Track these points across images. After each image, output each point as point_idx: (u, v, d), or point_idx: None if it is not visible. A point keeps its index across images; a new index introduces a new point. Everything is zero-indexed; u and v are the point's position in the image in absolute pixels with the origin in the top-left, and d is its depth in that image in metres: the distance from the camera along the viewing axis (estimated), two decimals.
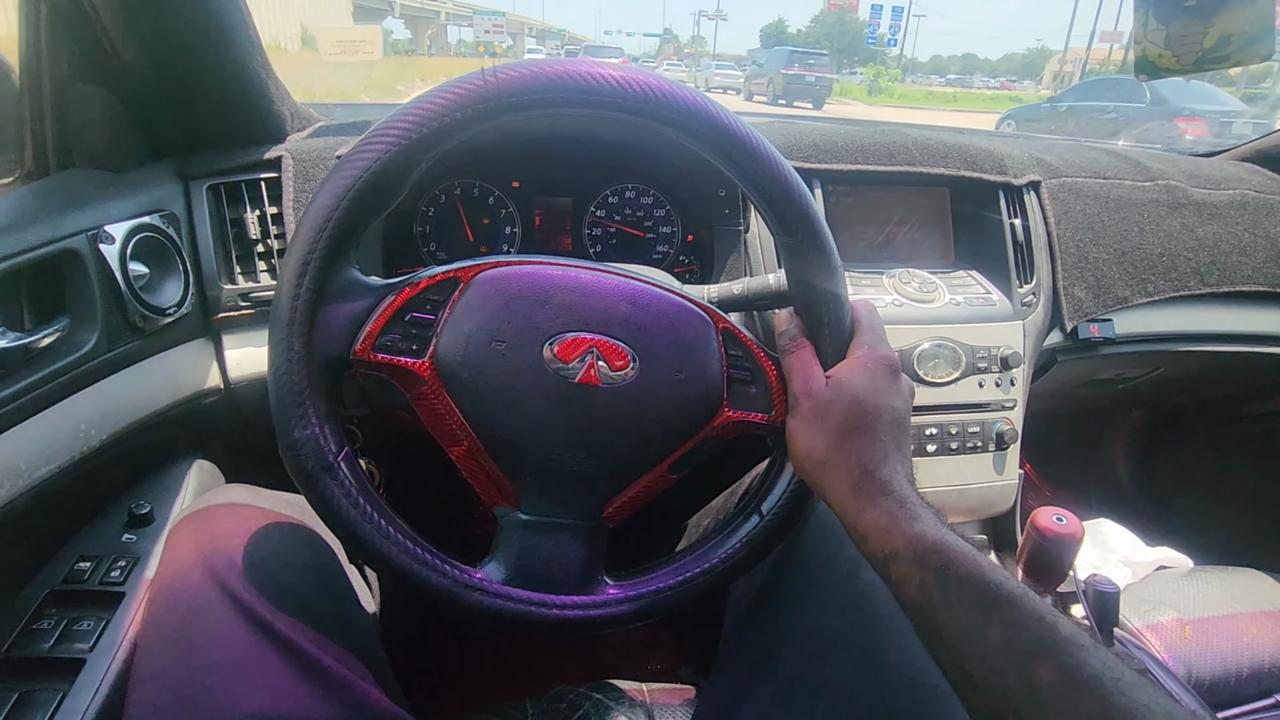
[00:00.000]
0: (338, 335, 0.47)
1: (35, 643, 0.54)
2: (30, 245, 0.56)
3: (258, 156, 0.79)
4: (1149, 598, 0.96)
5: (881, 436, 0.48)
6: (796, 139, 0.94)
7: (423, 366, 0.48)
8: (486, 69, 0.45)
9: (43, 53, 0.64)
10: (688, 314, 0.53)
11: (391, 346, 0.48)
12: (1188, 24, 0.77)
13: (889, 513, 0.44)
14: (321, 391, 0.46)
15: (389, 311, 0.48)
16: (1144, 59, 0.83)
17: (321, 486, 0.46)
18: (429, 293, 0.49)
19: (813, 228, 0.51)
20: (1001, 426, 0.93)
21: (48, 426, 0.57)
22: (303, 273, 0.45)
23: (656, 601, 0.54)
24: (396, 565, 0.48)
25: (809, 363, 0.52)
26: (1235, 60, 0.77)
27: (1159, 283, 1.06)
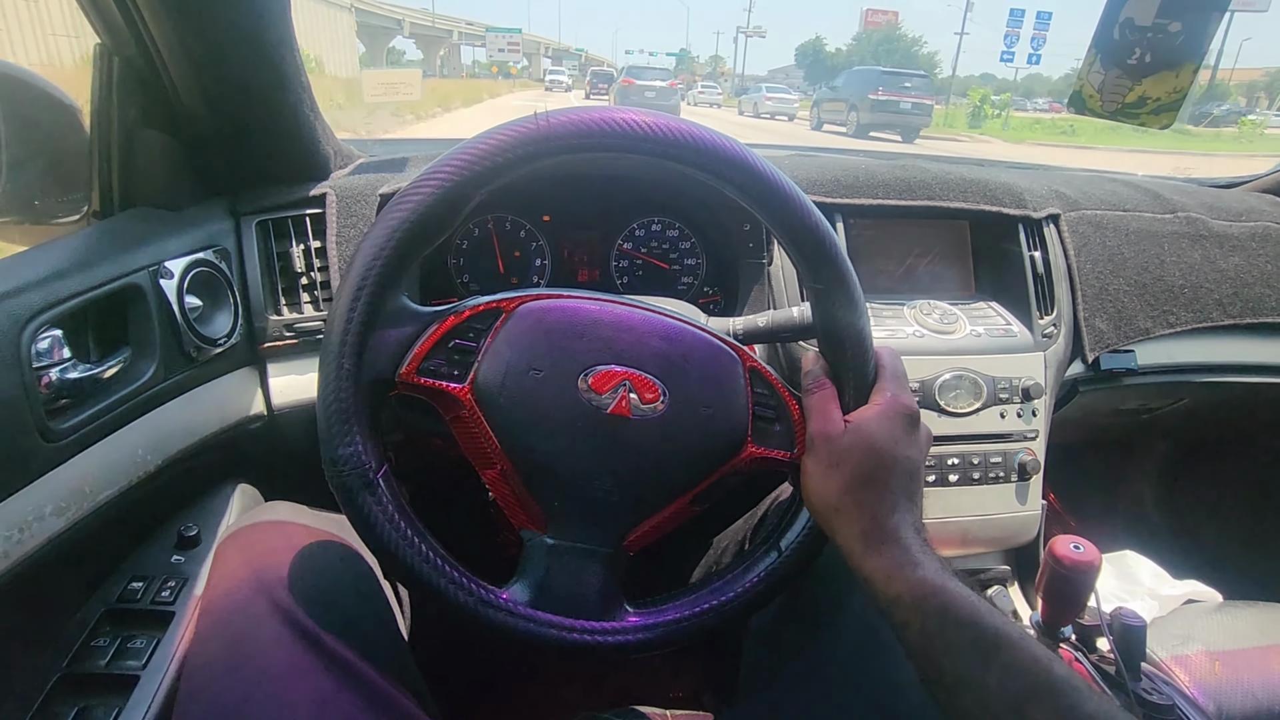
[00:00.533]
0: (385, 357, 0.50)
1: (93, 659, 0.57)
2: (99, 281, 0.60)
3: (304, 194, 0.83)
4: (1177, 632, 0.95)
5: (894, 487, 0.49)
6: (819, 174, 0.96)
7: (463, 391, 0.51)
8: (540, 113, 0.49)
9: (113, 101, 0.69)
10: (718, 351, 0.55)
11: (435, 371, 0.51)
12: (1121, 76, 0.83)
13: (893, 559, 0.46)
14: (366, 411, 0.49)
15: (434, 337, 0.51)
16: (1078, 95, 0.90)
17: (360, 501, 0.48)
18: (473, 321, 0.52)
19: (839, 273, 0.53)
20: (1024, 457, 0.94)
21: (109, 452, 0.60)
22: (357, 297, 0.47)
23: (674, 631, 0.55)
24: (426, 581, 0.50)
25: (829, 405, 0.53)
26: (1142, 121, 0.86)
27: (1181, 314, 1.06)
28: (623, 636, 0.54)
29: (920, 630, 0.42)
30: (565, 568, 0.53)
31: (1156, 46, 0.75)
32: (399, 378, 0.50)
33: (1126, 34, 0.76)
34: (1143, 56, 0.77)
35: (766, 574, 0.56)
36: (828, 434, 0.52)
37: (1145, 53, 0.76)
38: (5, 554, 0.50)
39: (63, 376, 0.55)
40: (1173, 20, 0.74)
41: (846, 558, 0.49)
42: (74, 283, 0.58)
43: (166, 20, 0.63)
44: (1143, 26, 0.75)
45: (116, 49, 0.68)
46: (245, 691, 0.50)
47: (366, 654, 0.54)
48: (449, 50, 56.49)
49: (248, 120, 0.75)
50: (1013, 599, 1.03)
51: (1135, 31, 0.75)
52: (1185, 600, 1.08)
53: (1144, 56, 0.77)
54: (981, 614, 0.41)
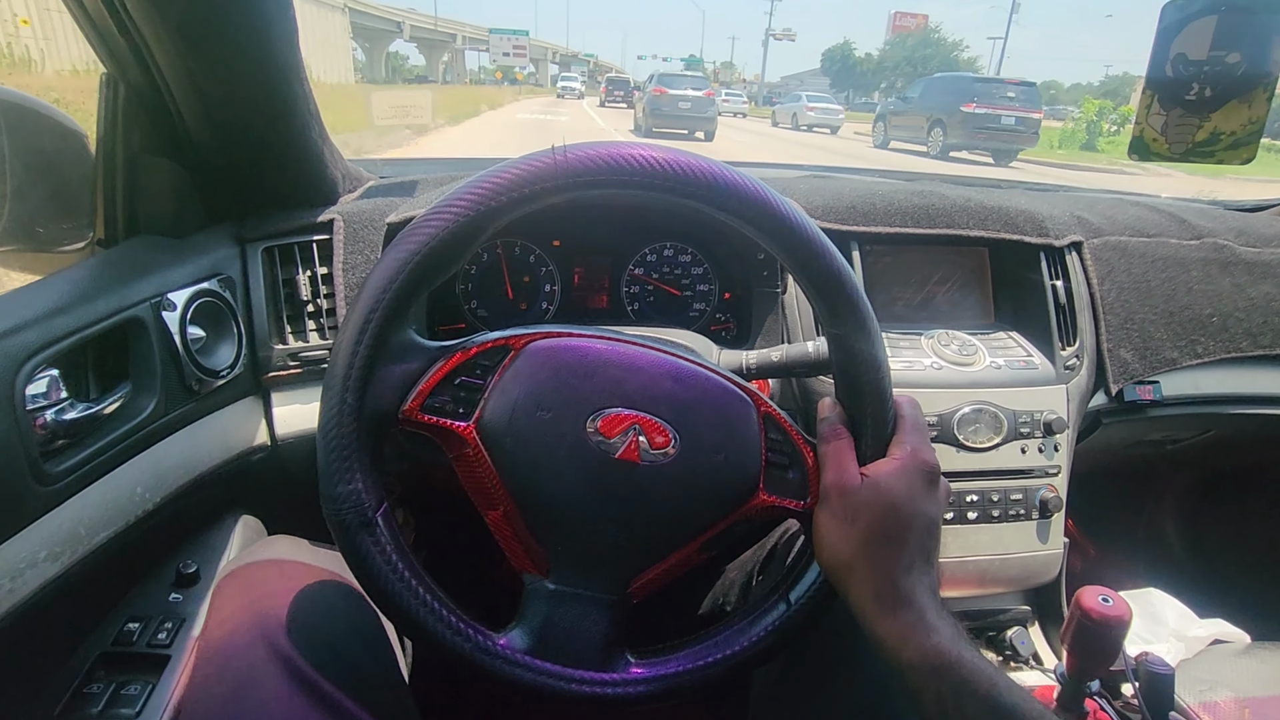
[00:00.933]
0: (389, 393, 0.48)
1: (86, 707, 0.56)
2: (99, 316, 0.59)
3: (311, 219, 0.82)
4: (1204, 676, 0.91)
5: (910, 546, 0.48)
6: (834, 199, 0.94)
7: (468, 430, 0.49)
8: (556, 147, 0.47)
9: (118, 128, 0.68)
10: (731, 395, 0.53)
11: (440, 408, 0.49)
12: (1185, 115, 0.80)
13: (908, 624, 0.44)
14: (367, 447, 0.48)
15: (440, 374, 0.49)
16: (1139, 140, 0.86)
17: (358, 541, 0.47)
18: (480, 358, 0.50)
19: (860, 318, 0.51)
20: (1045, 494, 0.91)
21: (107, 492, 0.59)
22: (363, 331, 0.46)
23: (676, 685, 0.53)
24: (421, 625, 0.48)
25: (845, 456, 0.51)
26: (1219, 158, 0.82)
27: (1209, 344, 1.03)
28: (624, 689, 0.52)
29: (935, 699, 0.41)
30: (566, 615, 0.52)
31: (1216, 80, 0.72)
32: (402, 414, 0.49)
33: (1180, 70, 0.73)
34: (1202, 91, 0.74)
35: (775, 627, 0.54)
36: (843, 487, 0.50)
37: (1204, 87, 0.73)
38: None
39: (59, 418, 0.54)
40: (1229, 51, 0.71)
41: (858, 617, 0.47)
42: (72, 319, 0.57)
43: (172, 48, 0.62)
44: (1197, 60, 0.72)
45: (122, 76, 0.67)
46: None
47: (366, 700, 0.53)
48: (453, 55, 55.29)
49: (254, 146, 0.74)
50: (1033, 640, 1.00)
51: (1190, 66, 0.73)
52: (1211, 641, 1.05)
53: (1203, 90, 0.74)
54: (999, 689, 0.40)
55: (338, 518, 0.46)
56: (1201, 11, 0.72)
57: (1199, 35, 0.72)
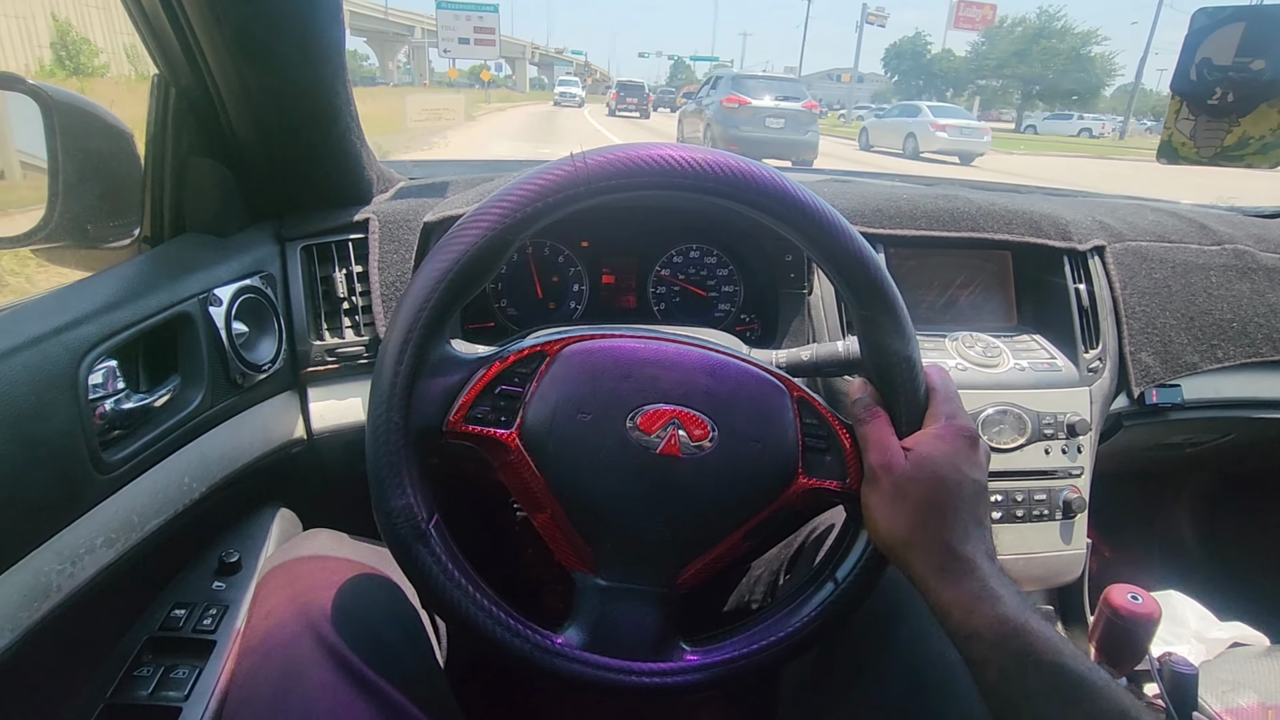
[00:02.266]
0: (433, 408, 0.49)
1: (136, 689, 0.57)
2: (152, 311, 0.61)
3: (348, 219, 0.84)
4: (1227, 678, 0.92)
5: (963, 513, 0.48)
6: (860, 203, 0.95)
7: (510, 437, 0.51)
8: (576, 154, 0.48)
9: (168, 130, 0.70)
10: (764, 384, 0.54)
11: (482, 418, 0.50)
12: (1214, 121, 0.80)
13: (972, 593, 0.44)
14: (415, 461, 0.49)
15: (480, 385, 0.50)
16: (1168, 144, 0.87)
17: (414, 553, 0.48)
18: (517, 366, 0.51)
19: (887, 299, 0.52)
20: (1069, 495, 0.92)
21: (158, 481, 0.60)
22: (403, 349, 0.47)
23: (732, 670, 0.54)
24: (481, 629, 0.50)
25: (885, 434, 0.52)
26: (1248, 162, 0.83)
27: (1229, 349, 1.04)
28: (681, 677, 0.53)
29: (999, 669, 0.41)
30: (619, 609, 0.53)
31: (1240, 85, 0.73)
32: (447, 427, 0.50)
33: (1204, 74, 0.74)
34: (1224, 96, 0.75)
35: (824, 608, 0.56)
36: (889, 465, 0.50)
37: (1227, 92, 0.74)
38: (58, 587, 0.50)
39: (117, 407, 0.55)
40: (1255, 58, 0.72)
41: (923, 592, 0.48)
42: (128, 313, 0.58)
43: (226, 53, 0.64)
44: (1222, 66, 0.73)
45: (174, 79, 0.69)
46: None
47: (409, 690, 0.54)
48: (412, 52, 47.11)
49: (298, 148, 0.76)
50: None
51: (1215, 71, 0.74)
52: (1232, 643, 1.05)
53: (1226, 96, 0.75)
54: (1065, 658, 0.40)
55: (393, 531, 0.48)
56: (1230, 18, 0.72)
57: (1225, 41, 0.73)
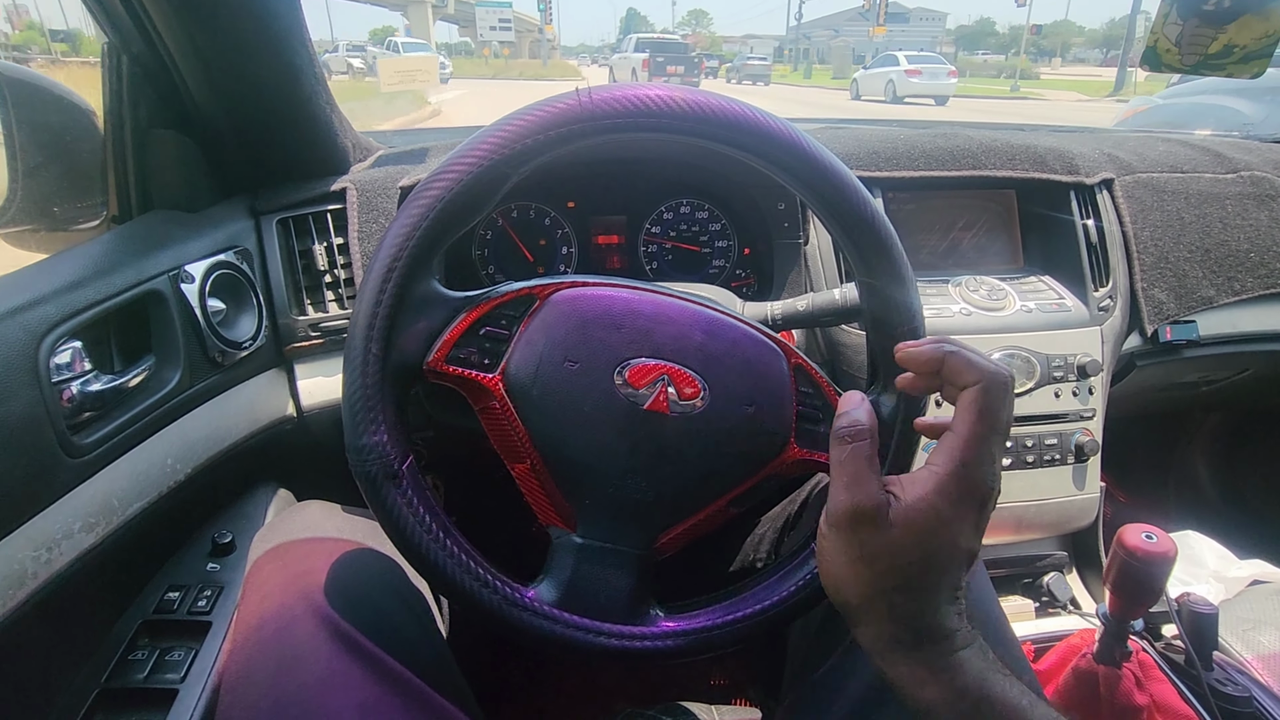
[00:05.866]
0: (413, 345, 0.47)
1: (131, 673, 0.56)
2: (118, 289, 0.59)
3: (324, 189, 0.81)
4: (1247, 616, 0.90)
5: (943, 588, 0.39)
6: (856, 146, 0.91)
7: (494, 381, 0.49)
8: (580, 89, 0.45)
9: (124, 101, 0.67)
10: (761, 346, 0.51)
11: (465, 359, 0.48)
12: (1201, 26, 0.76)
13: (927, 663, 0.38)
14: (391, 400, 0.47)
15: (464, 324, 0.48)
16: (1152, 50, 0.83)
17: (384, 492, 0.46)
18: (505, 308, 0.49)
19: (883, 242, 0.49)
20: (1081, 438, 0.89)
21: (137, 463, 0.59)
22: (386, 279, 0.45)
23: (707, 639, 0.52)
24: (450, 578, 0.48)
25: (863, 471, 0.40)
26: (1229, 71, 0.79)
27: (1247, 280, 1.00)
28: (653, 642, 0.51)
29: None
30: (594, 569, 0.51)
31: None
32: (427, 366, 0.48)
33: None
34: (1220, 2, 0.70)
35: (806, 582, 0.53)
36: (857, 515, 0.39)
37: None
38: (34, 574, 0.49)
39: (84, 389, 0.53)
40: None
41: (868, 655, 0.40)
42: (92, 291, 0.56)
43: (171, 15, 0.61)
44: None
45: (124, 46, 0.65)
46: (287, 701, 0.48)
47: (407, 658, 0.53)
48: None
49: (262, 116, 0.73)
50: (1071, 586, 0.99)
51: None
52: (1251, 581, 1.03)
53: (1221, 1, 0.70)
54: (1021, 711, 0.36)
55: (363, 469, 0.46)
56: None
57: None
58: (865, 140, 0.92)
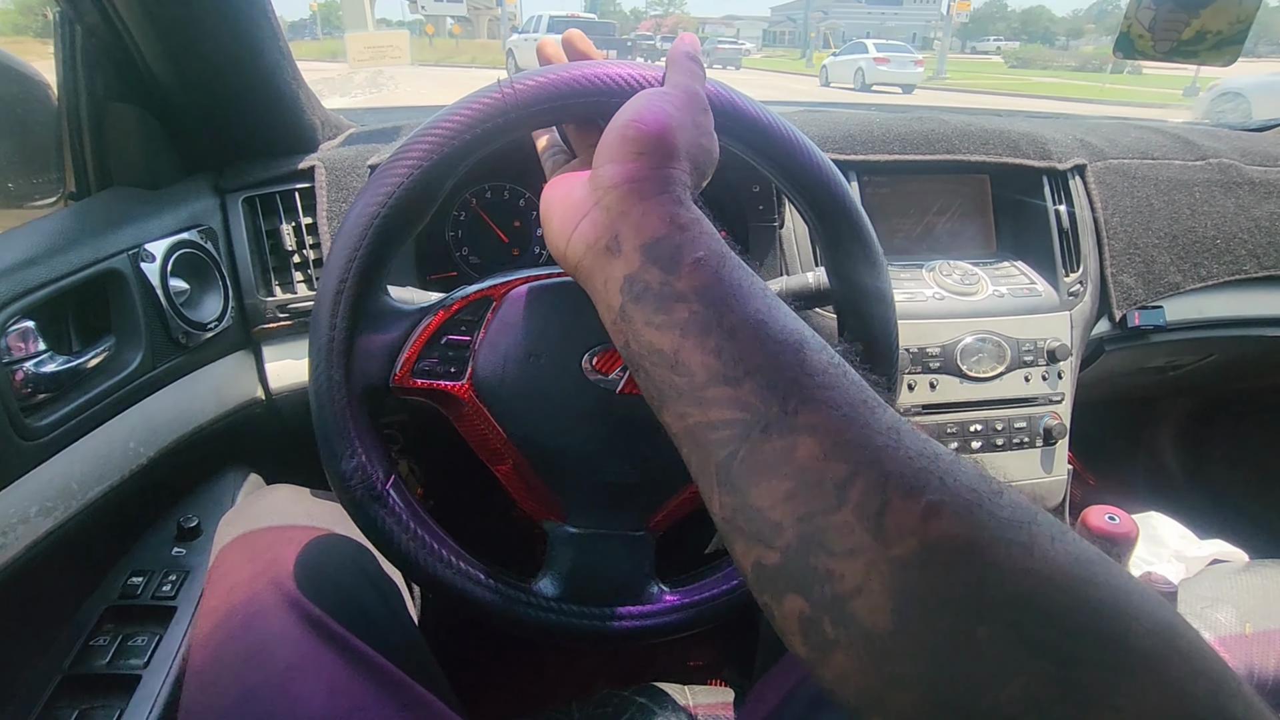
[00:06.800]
0: (375, 364, 0.47)
1: (93, 659, 0.55)
2: (74, 267, 0.57)
3: (291, 167, 0.79)
4: (1205, 594, 0.92)
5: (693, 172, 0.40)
6: (830, 129, 0.91)
7: (462, 389, 0.48)
8: (503, 80, 0.45)
9: (79, 73, 0.65)
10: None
11: (429, 371, 0.48)
12: (1175, 12, 0.77)
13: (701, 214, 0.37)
14: (364, 420, 0.46)
15: (424, 336, 0.48)
16: (1125, 36, 0.83)
17: (372, 514, 0.46)
18: (463, 314, 0.49)
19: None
20: (1049, 421, 0.90)
21: (98, 446, 0.58)
22: (337, 302, 0.44)
23: (712, 608, 0.53)
24: (450, 586, 0.48)
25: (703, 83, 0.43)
26: (1202, 59, 0.80)
27: (1213, 266, 1.02)
28: (660, 619, 0.52)
29: (718, 266, 0.33)
30: (592, 556, 0.51)
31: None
32: (393, 383, 0.47)
33: None
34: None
35: None
36: (702, 102, 0.41)
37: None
38: None
39: (38, 370, 0.52)
40: None
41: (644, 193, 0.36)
42: (46, 270, 0.55)
43: None
44: None
45: (77, 16, 0.63)
46: (254, 685, 0.48)
47: (377, 640, 0.53)
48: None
49: (223, 90, 0.71)
50: None
51: None
52: (1211, 560, 1.06)
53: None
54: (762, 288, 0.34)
55: (348, 495, 0.46)
56: None
57: None
58: (840, 124, 0.92)
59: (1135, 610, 0.22)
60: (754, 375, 0.30)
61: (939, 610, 0.24)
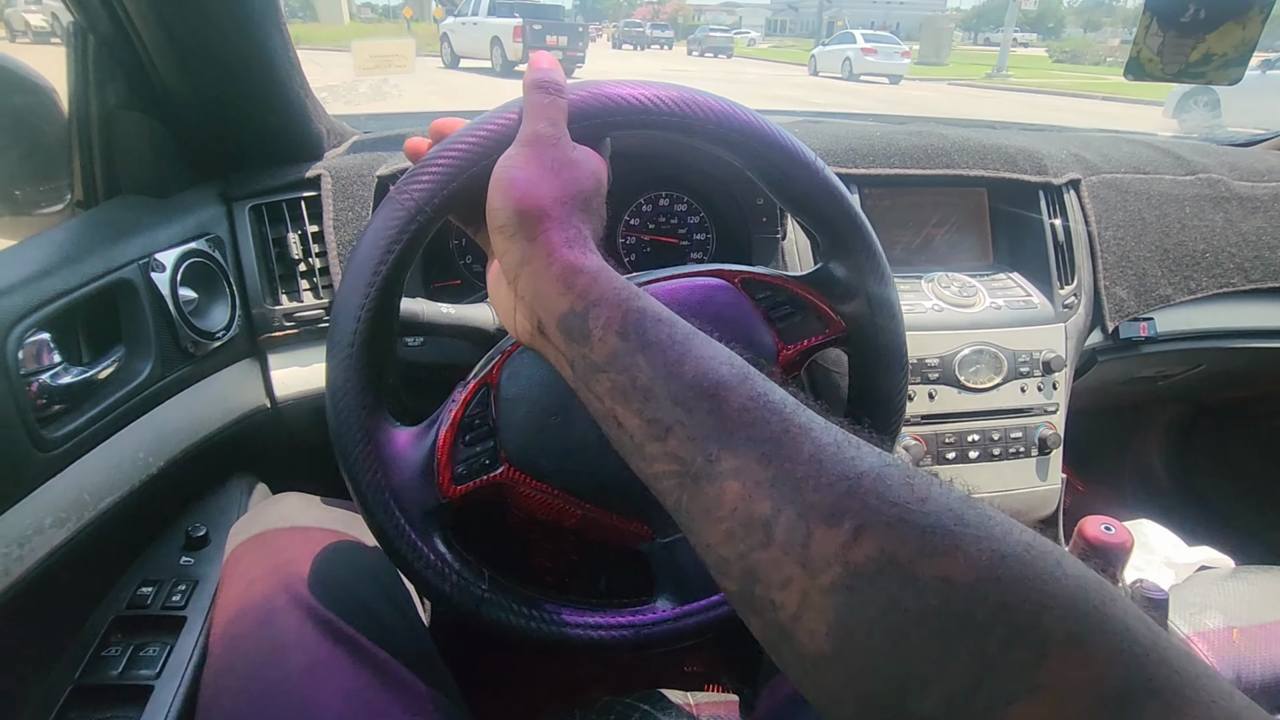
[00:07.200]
0: (422, 494, 0.47)
1: (105, 670, 0.55)
2: (87, 278, 0.57)
3: (298, 176, 0.79)
4: (1194, 601, 0.94)
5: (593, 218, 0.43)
6: (832, 143, 0.92)
7: (505, 474, 0.49)
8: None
9: (90, 82, 0.65)
10: (704, 286, 0.52)
11: (467, 474, 0.48)
12: (1181, 38, 0.79)
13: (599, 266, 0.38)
14: (439, 538, 0.47)
15: (445, 447, 0.48)
16: (1135, 60, 0.85)
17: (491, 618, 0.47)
18: (470, 410, 0.49)
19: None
20: (1044, 431, 0.92)
21: (109, 457, 0.58)
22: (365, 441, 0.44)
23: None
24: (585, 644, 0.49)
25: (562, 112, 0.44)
26: (1209, 78, 0.82)
27: (1202, 279, 1.04)
28: None
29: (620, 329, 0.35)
30: (687, 557, 0.52)
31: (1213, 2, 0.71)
32: (445, 503, 0.48)
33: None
34: (1197, 13, 0.73)
35: None
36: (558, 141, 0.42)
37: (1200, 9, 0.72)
38: (6, 571, 0.48)
39: (54, 382, 0.52)
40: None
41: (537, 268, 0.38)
42: (60, 281, 0.55)
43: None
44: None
45: (91, 26, 0.63)
46: (271, 691, 0.49)
47: (391, 646, 0.54)
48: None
49: (235, 99, 0.71)
50: None
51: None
52: (1199, 567, 1.08)
53: (1199, 13, 0.73)
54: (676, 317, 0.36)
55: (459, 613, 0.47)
56: None
57: None
58: (842, 138, 0.93)
59: (1051, 600, 0.23)
60: (674, 430, 0.32)
61: (868, 631, 0.25)
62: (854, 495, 0.27)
